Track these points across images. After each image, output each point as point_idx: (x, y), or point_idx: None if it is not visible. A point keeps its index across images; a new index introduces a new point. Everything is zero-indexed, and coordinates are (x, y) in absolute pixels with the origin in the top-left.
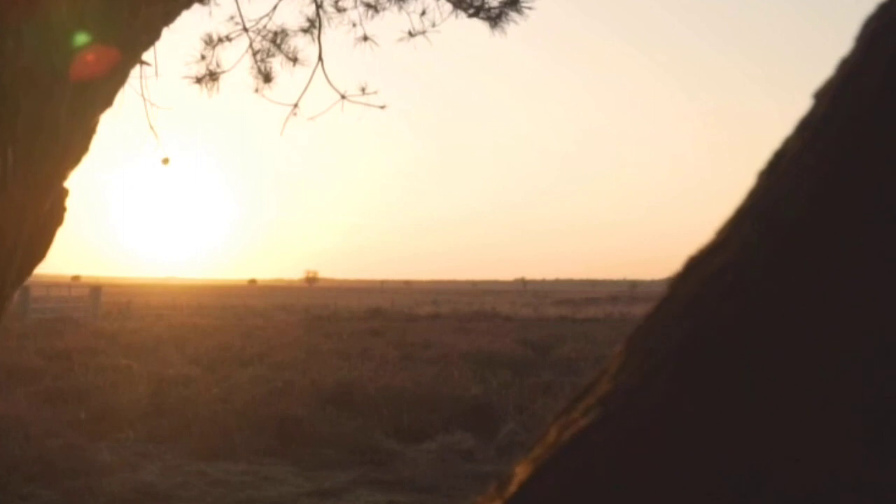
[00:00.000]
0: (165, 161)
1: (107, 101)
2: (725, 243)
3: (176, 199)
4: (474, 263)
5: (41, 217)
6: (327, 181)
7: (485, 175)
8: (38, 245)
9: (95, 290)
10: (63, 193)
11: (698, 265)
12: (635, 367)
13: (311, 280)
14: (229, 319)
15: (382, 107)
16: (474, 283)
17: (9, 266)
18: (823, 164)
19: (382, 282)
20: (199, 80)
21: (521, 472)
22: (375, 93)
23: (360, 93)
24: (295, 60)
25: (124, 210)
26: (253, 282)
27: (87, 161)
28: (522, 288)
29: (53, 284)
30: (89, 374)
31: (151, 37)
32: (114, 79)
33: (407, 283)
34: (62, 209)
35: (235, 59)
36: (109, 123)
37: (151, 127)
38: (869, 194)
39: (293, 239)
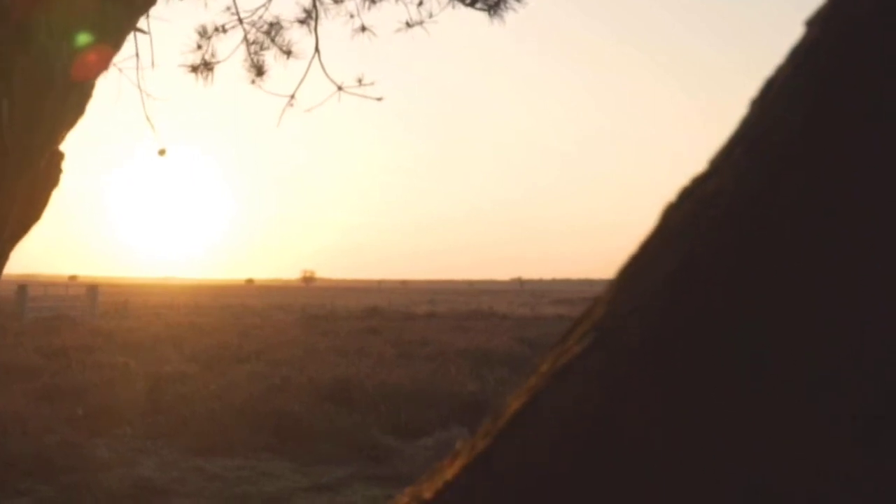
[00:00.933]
0: (162, 152)
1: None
2: (718, 171)
3: (172, 198)
4: (471, 263)
5: (37, 175)
6: (325, 179)
7: (482, 173)
8: (35, 204)
9: (92, 289)
10: (59, 156)
11: (691, 193)
12: (629, 293)
13: (308, 280)
14: (227, 318)
15: (379, 98)
16: (471, 283)
17: (4, 222)
18: (815, 86)
19: (379, 281)
20: (194, 69)
21: (515, 401)
22: (372, 83)
23: (356, 84)
24: (289, 53)
25: (121, 210)
26: (250, 281)
27: (84, 162)
28: (519, 287)
29: (51, 284)
30: (86, 371)
31: (147, 1)
32: (110, 43)
33: (404, 282)
34: (58, 171)
35: (231, 50)
36: (107, 122)
37: (148, 118)
38: (862, 113)
39: (291, 237)
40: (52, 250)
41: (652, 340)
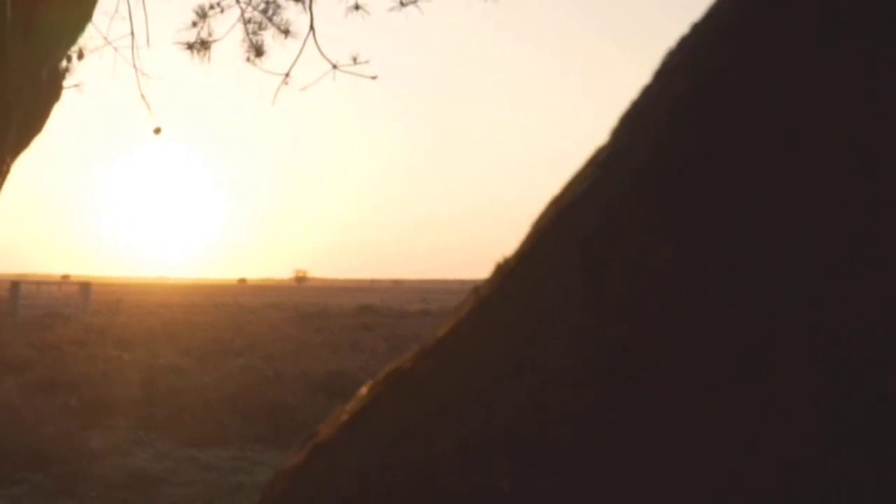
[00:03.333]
0: (157, 130)
1: None
2: (715, 13)
3: (164, 196)
4: (464, 263)
5: (39, 87)
6: (317, 174)
7: (476, 171)
8: (37, 115)
9: (85, 287)
10: (60, 72)
11: (688, 38)
12: (631, 129)
13: (301, 279)
14: (220, 316)
15: (374, 77)
16: (464, 283)
17: (6, 128)
18: None
19: (372, 281)
20: (190, 47)
21: (521, 246)
22: (367, 62)
23: (351, 63)
24: (287, 32)
25: (113, 210)
26: (243, 281)
27: (79, 157)
28: None
29: (43, 282)
30: (80, 364)
31: None
32: None
33: (396, 282)
34: (59, 86)
35: (226, 30)
36: (102, 121)
37: (143, 96)
38: None
39: (282, 235)
40: (44, 250)
41: (653, 169)
